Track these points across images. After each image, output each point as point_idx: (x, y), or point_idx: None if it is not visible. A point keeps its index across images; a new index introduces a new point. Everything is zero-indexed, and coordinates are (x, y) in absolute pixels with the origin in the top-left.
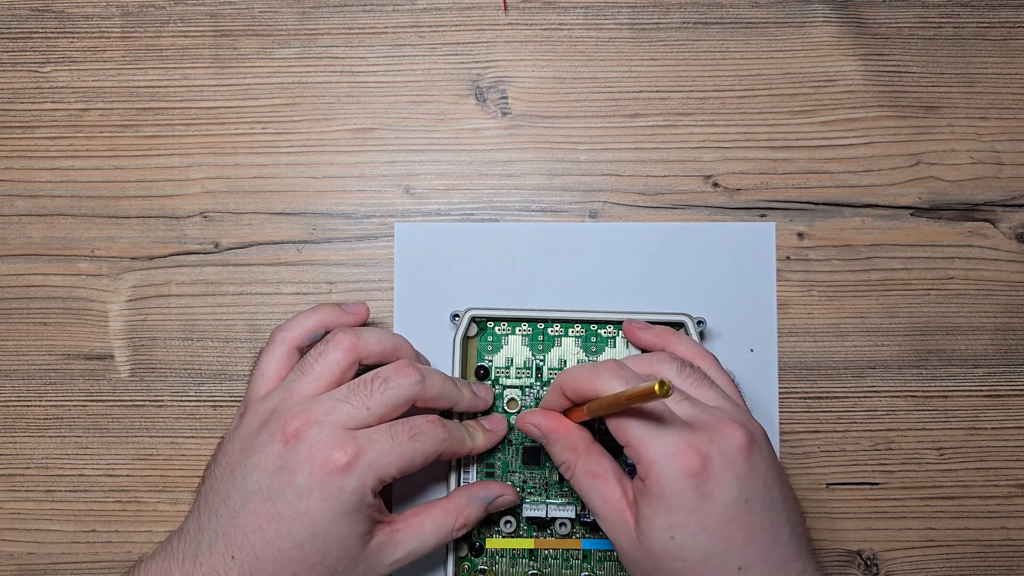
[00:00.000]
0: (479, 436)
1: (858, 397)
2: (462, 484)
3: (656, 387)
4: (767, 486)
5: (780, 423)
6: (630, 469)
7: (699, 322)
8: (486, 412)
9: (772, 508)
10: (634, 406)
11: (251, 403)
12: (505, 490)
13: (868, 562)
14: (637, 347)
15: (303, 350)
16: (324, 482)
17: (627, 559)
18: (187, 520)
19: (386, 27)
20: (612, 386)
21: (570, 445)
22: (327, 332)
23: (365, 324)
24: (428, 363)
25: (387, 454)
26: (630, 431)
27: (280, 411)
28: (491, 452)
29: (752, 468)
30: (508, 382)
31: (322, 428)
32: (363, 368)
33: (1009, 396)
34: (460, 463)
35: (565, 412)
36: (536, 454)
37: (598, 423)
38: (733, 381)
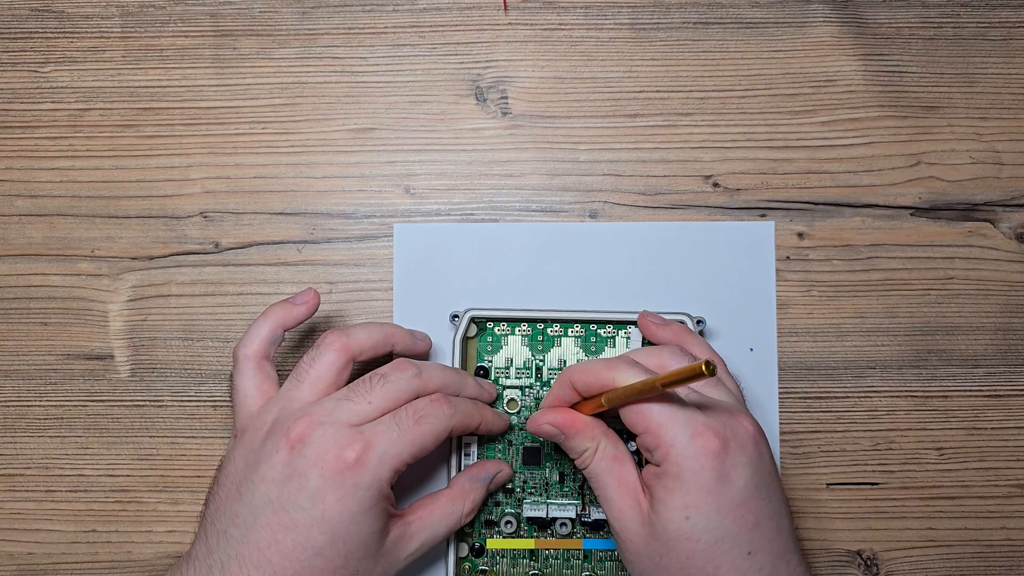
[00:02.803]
0: (487, 411)
1: (858, 397)
2: (462, 467)
3: (703, 367)
4: (772, 476)
5: (780, 423)
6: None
7: (699, 321)
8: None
9: (776, 498)
10: (667, 390)
11: (246, 421)
12: (501, 466)
13: (868, 562)
14: (651, 341)
15: (272, 358)
16: (337, 482)
17: (634, 546)
18: (194, 545)
19: (386, 27)
20: (629, 378)
21: (589, 435)
22: (286, 331)
23: (317, 309)
24: (426, 338)
25: (396, 443)
26: (650, 416)
27: (281, 419)
28: (492, 447)
29: (761, 456)
30: (508, 382)
31: (327, 428)
32: (359, 366)
33: (1009, 396)
34: (460, 447)
35: (572, 406)
36: (536, 454)
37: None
38: (738, 387)
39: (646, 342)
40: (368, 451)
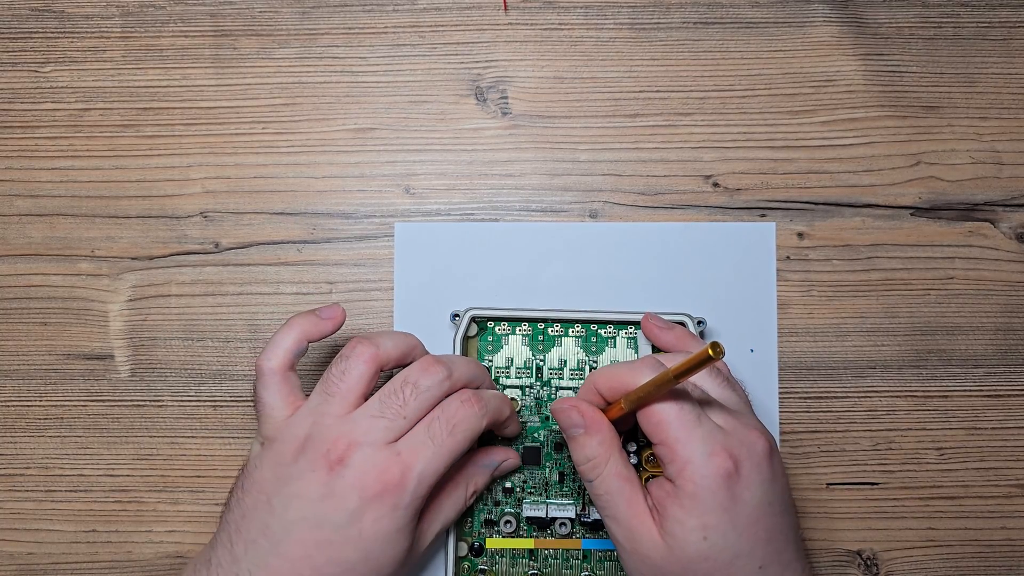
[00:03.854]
0: (508, 403)
1: (858, 397)
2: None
3: (710, 350)
4: (784, 491)
5: (780, 423)
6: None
7: (699, 322)
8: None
9: (786, 512)
10: (681, 380)
11: (273, 431)
12: (508, 454)
13: (868, 562)
14: (653, 344)
15: (295, 368)
16: (376, 504)
17: (646, 563)
18: (215, 550)
19: (386, 27)
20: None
21: (606, 440)
22: (309, 343)
23: (342, 326)
24: None
25: (433, 461)
26: (668, 430)
27: (315, 436)
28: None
29: (774, 473)
30: (508, 382)
31: (365, 450)
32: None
33: (1009, 396)
34: None
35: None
36: (536, 453)
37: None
38: (743, 390)
39: (656, 349)
40: (408, 473)
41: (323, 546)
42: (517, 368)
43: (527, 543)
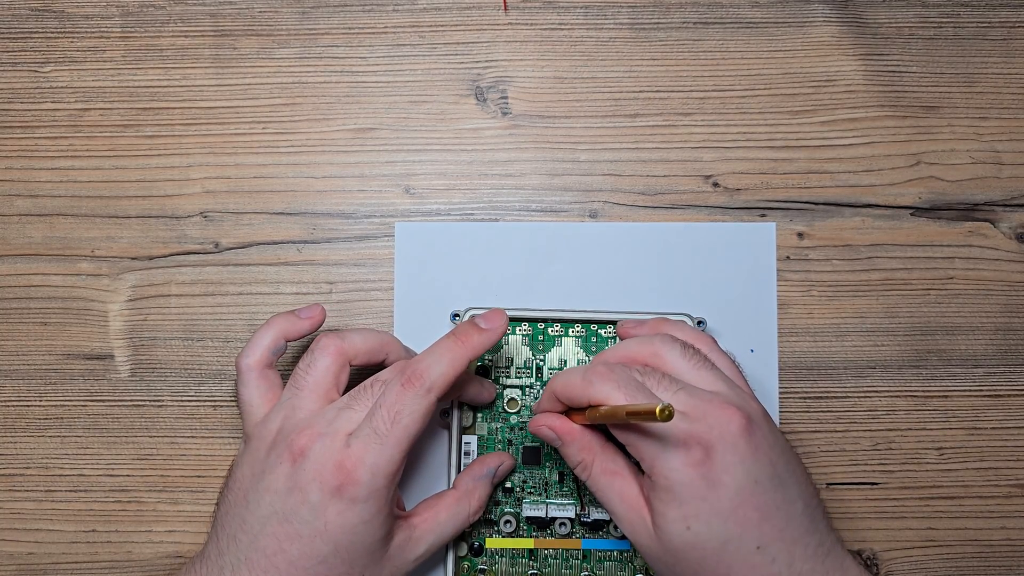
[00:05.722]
0: (473, 337)
1: (858, 397)
2: (463, 467)
3: (657, 411)
4: (773, 464)
5: (780, 423)
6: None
7: (699, 322)
8: (488, 406)
9: (781, 486)
10: (633, 421)
11: (252, 429)
12: (502, 458)
13: (868, 562)
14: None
15: (274, 366)
16: (336, 497)
17: (648, 555)
18: (207, 545)
19: (386, 27)
20: (605, 392)
21: (585, 446)
22: (288, 341)
23: (321, 325)
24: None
25: (382, 453)
26: (627, 431)
27: (285, 430)
28: (491, 441)
29: (755, 449)
30: (508, 382)
31: (325, 440)
32: (356, 370)
33: (1009, 396)
34: (460, 447)
35: (568, 412)
36: (536, 454)
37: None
38: (734, 362)
39: None
40: (359, 467)
41: (294, 539)
42: (517, 368)
43: (527, 543)
